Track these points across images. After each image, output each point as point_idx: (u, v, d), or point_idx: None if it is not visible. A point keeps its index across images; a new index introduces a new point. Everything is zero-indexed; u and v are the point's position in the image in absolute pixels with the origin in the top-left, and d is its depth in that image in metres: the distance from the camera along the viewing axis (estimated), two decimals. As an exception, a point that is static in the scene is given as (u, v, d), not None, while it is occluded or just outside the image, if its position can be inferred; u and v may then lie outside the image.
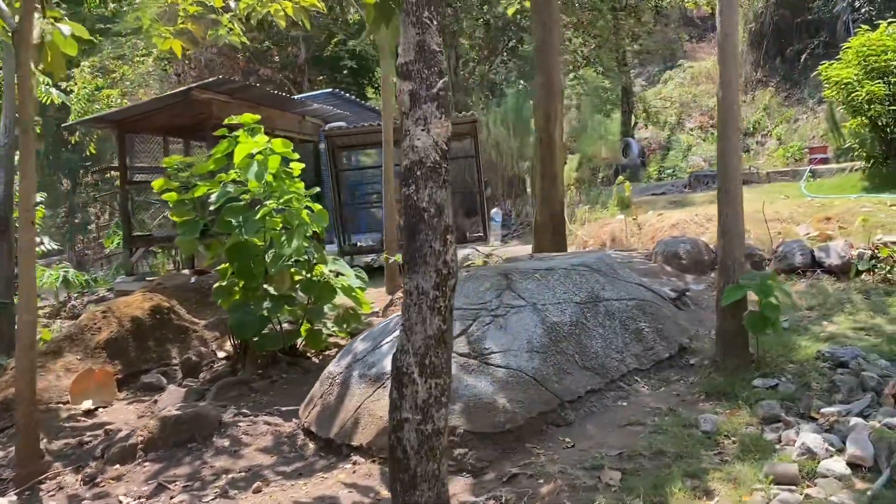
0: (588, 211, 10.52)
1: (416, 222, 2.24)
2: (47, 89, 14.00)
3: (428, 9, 2.22)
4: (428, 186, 2.20)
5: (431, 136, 2.21)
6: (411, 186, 2.25)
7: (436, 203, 2.21)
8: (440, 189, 2.22)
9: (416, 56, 2.24)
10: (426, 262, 2.26)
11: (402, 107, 2.28)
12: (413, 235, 2.27)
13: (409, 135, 2.21)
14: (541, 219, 6.69)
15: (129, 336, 6.83)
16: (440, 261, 2.27)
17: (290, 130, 11.21)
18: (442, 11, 2.27)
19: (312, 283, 5.86)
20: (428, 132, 2.21)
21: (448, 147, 2.27)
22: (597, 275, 5.23)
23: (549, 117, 6.52)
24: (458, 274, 2.46)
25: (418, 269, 2.28)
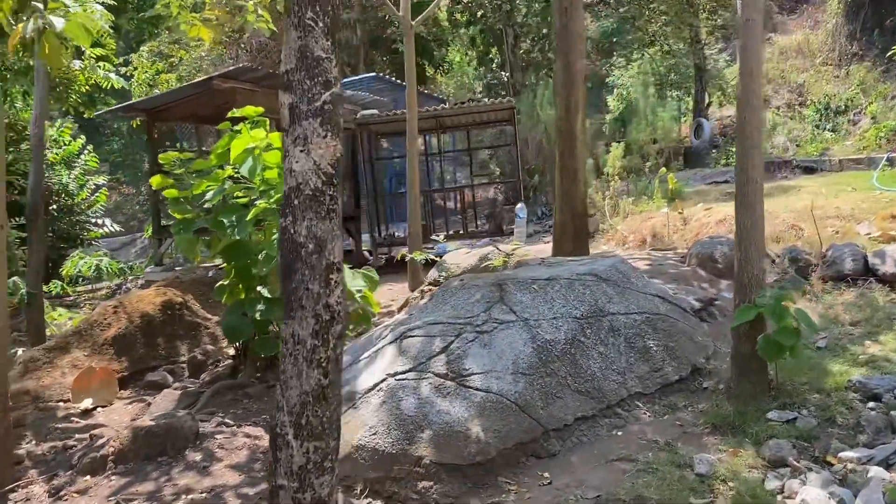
0: (633, 203, 9.96)
1: (291, 259, 1.96)
2: (107, 74, 14.37)
3: (312, 9, 1.91)
4: (306, 218, 1.91)
5: (312, 159, 1.91)
6: (288, 217, 1.96)
7: (315, 237, 1.91)
8: (322, 221, 1.92)
9: (297, 64, 1.94)
10: (302, 307, 1.97)
11: (282, 122, 2.00)
12: (288, 275, 1.99)
13: (288, 156, 1.92)
14: (560, 218, 6.27)
15: (137, 332, 6.83)
16: (320, 305, 1.98)
17: (323, 118, 11.09)
18: (331, 11, 1.95)
19: (309, 286, 5.63)
20: (308, 154, 1.91)
21: (336, 170, 1.96)
22: (604, 285, 4.82)
23: (569, 107, 6.08)
24: (346, 319, 2.16)
25: (294, 315, 1.99)
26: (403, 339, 4.32)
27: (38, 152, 8.58)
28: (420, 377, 3.99)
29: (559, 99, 6.15)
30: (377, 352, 4.33)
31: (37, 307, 8.52)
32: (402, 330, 4.40)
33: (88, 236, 14.95)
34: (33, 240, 8.48)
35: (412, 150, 8.30)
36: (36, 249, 8.50)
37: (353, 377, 4.26)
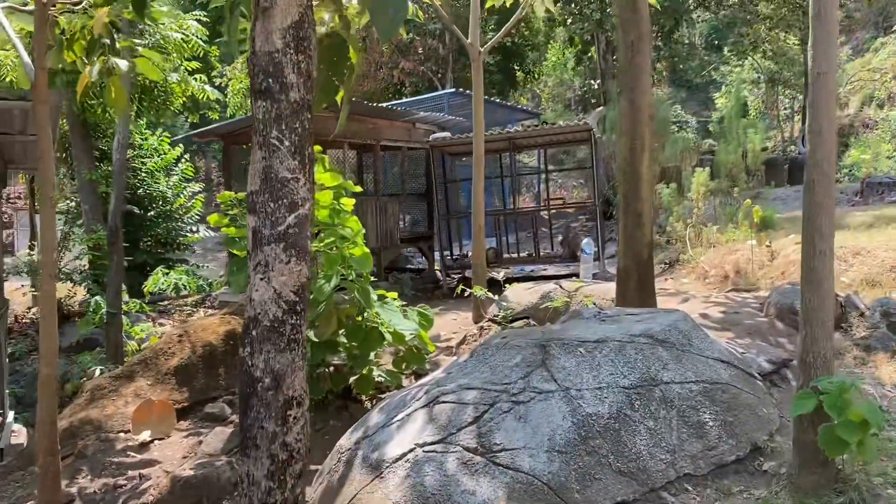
0: (718, 231, 9.41)
1: (248, 394, 1.86)
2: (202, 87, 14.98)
3: (277, 127, 1.81)
4: (264, 350, 1.80)
5: (272, 287, 1.81)
6: (245, 348, 1.86)
7: (272, 371, 1.81)
8: (281, 353, 1.81)
9: (261, 185, 1.84)
10: (257, 446, 1.86)
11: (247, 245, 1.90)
12: (245, 410, 1.89)
13: (250, 283, 1.83)
14: (624, 264, 5.95)
15: (199, 362, 7.02)
16: (276, 444, 1.87)
17: (399, 140, 11.09)
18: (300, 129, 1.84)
19: (357, 330, 5.61)
20: (268, 282, 1.81)
21: (302, 297, 1.85)
22: (659, 349, 4.50)
23: (634, 148, 5.75)
24: (306, 457, 2.03)
25: (249, 454, 1.90)
26: (435, 403, 4.18)
27: (119, 177, 8.99)
28: (447, 450, 3.84)
29: (623, 139, 5.83)
30: (409, 416, 4.21)
31: (116, 326, 8.93)
32: (435, 393, 4.27)
33: (185, 241, 15.70)
34: (113, 260, 8.89)
35: (477, 176, 8.14)
36: (116, 269, 8.92)
37: (383, 441, 4.15)
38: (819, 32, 3.63)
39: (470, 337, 7.01)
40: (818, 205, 3.65)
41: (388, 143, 10.81)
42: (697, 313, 6.36)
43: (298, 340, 1.85)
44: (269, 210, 1.85)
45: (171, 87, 17.40)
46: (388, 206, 10.66)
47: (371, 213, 10.21)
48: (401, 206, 11.21)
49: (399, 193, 11.74)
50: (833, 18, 3.66)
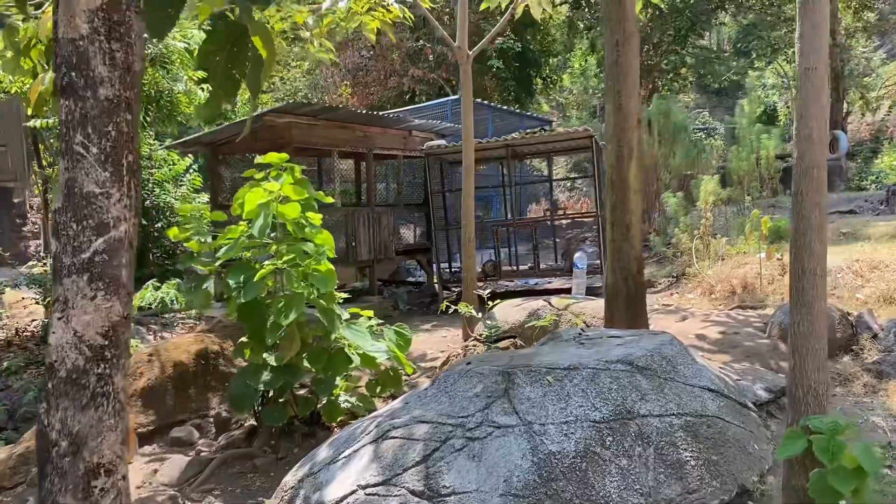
0: (727, 243, 8.93)
1: (43, 461, 1.52)
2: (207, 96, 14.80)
3: (83, 131, 1.47)
4: (61, 407, 1.47)
5: (72, 328, 1.47)
6: (42, 403, 1.52)
7: (71, 434, 1.47)
8: (83, 411, 1.47)
9: (63, 202, 1.50)
10: (49, 526, 1.52)
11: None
12: (41, 479, 1.55)
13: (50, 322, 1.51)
14: (611, 280, 5.54)
15: (169, 383, 6.71)
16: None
17: (393, 148, 10.76)
18: (114, 132, 1.50)
19: (320, 353, 5.26)
20: (67, 321, 1.47)
21: (114, 340, 1.50)
22: (639, 377, 4.10)
23: (620, 154, 5.35)
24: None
25: (42, 535, 1.55)
26: (384, 439, 3.81)
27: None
28: (390, 492, 3.47)
29: (609, 146, 5.43)
30: (356, 452, 3.85)
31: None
32: (385, 427, 3.90)
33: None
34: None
35: (467, 187, 7.77)
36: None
37: (326, 480, 3.79)
38: (805, 23, 3.23)
39: (453, 357, 6.63)
40: (806, 218, 3.23)
41: (381, 151, 10.50)
42: (693, 334, 5.92)
43: (108, 394, 1.51)
44: (72, 234, 1.51)
45: (178, 98, 17.36)
46: (381, 217, 10.33)
47: (363, 224, 9.89)
48: (396, 216, 10.87)
49: (395, 204, 11.41)
50: (822, 8, 3.25)
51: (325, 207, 11.24)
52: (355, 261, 9.79)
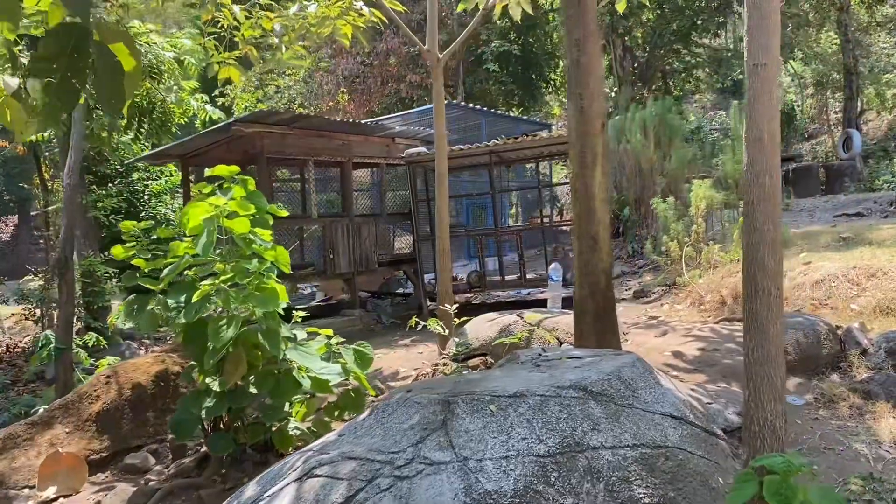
0: (721, 250, 8.57)
1: None
2: (202, 106, 14.69)
3: None
4: None
5: None
6: None
7: None
8: None
9: None
10: None
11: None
12: None
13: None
14: (579, 295, 5.21)
15: (126, 406, 6.47)
16: None
17: (375, 156, 10.49)
18: None
19: (266, 377, 4.97)
20: None
21: None
22: (592, 404, 3.77)
23: (584, 161, 5.03)
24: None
25: None
26: (308, 477, 3.51)
27: (69, 204, 8.56)
28: (307, 540, 3.17)
29: (573, 151, 5.11)
30: (280, 491, 3.55)
31: (65, 362, 8.48)
32: (311, 464, 3.60)
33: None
34: (63, 291, 8.44)
35: (440, 195, 7.47)
36: (65, 302, 8.46)
37: (247, 524, 3.50)
38: (753, 15, 2.91)
39: (422, 377, 6.33)
40: (758, 231, 2.91)
41: (362, 160, 10.24)
42: (671, 350, 5.58)
43: None
44: None
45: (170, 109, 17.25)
46: (362, 227, 10.06)
47: (342, 235, 9.62)
48: (381, 226, 10.59)
49: (377, 214, 11.13)
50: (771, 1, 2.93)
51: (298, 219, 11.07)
52: (334, 273, 9.52)
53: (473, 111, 14.76)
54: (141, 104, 17.41)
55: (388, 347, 8.50)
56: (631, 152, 12.36)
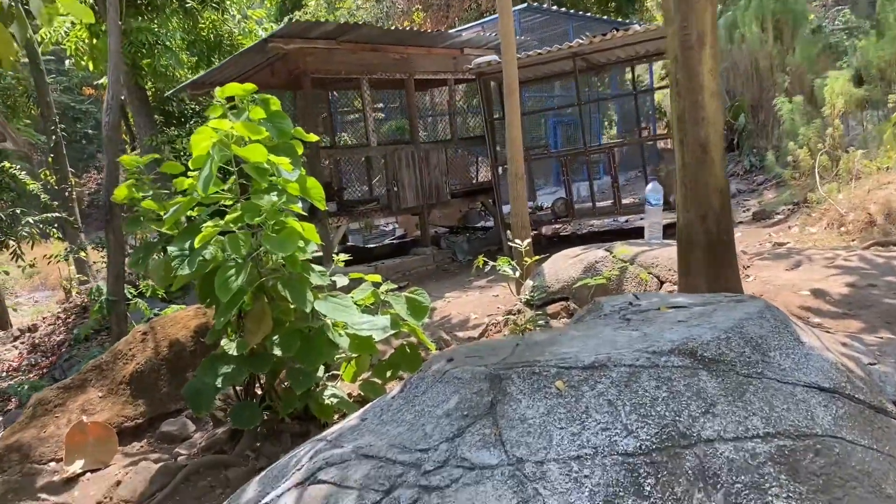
0: (864, 157, 7.08)
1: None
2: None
3: None
4: None
5: None
6: None
7: None
8: None
9: None
10: None
11: None
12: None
13: None
14: (683, 220, 4.09)
15: (163, 366, 5.90)
16: None
17: (440, 71, 9.39)
18: None
19: (291, 336, 4.17)
20: None
21: None
22: (704, 376, 2.75)
23: (687, 39, 3.82)
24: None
25: None
26: (312, 482, 2.68)
27: (111, 144, 7.99)
28: (298, 579, 2.35)
29: (671, 28, 3.90)
30: (278, 497, 2.74)
31: (119, 315, 8.09)
32: (318, 462, 2.76)
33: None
34: (110, 241, 7.99)
35: (511, 111, 6.37)
36: (114, 251, 8.02)
37: (237, 540, 2.72)
38: None
39: (492, 327, 5.41)
40: None
41: (426, 76, 9.16)
42: (808, 289, 4.39)
43: None
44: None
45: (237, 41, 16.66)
46: (430, 154, 9.06)
47: (407, 164, 8.68)
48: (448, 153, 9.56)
49: (447, 139, 10.09)
50: None
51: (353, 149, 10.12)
52: (399, 208, 8.63)
53: (558, 15, 13.25)
54: (207, 38, 16.87)
55: (460, 290, 7.61)
56: (746, 51, 10.70)
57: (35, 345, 12.84)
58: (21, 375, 11.33)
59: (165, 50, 13.89)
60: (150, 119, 15.44)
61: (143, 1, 14.36)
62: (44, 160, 21.12)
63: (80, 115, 33.19)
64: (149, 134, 14.89)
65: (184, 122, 16.00)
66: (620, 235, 9.41)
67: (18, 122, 17.44)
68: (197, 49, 16.50)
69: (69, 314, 13.97)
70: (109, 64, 8.19)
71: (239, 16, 16.93)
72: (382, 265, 8.26)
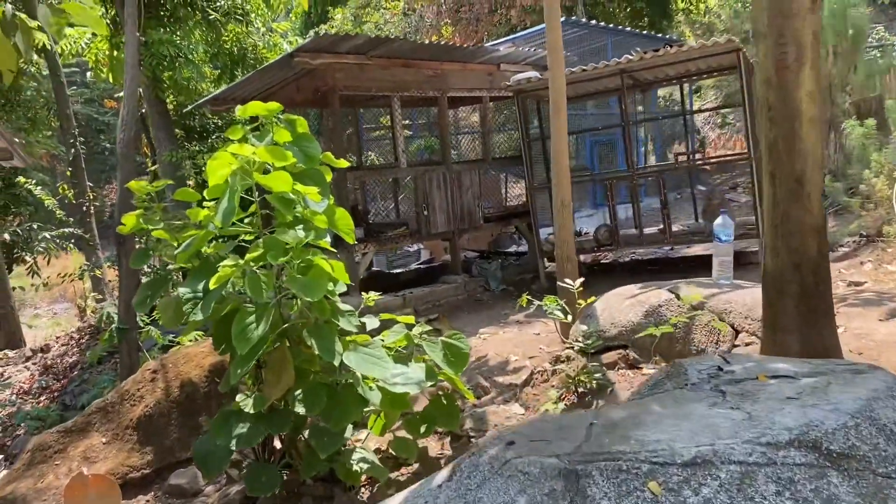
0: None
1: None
2: None
3: None
4: None
5: None
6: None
7: None
8: None
9: None
10: None
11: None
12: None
13: None
14: (773, 265, 3.56)
15: (173, 409, 5.43)
16: None
17: (476, 88, 8.92)
18: None
19: (317, 392, 3.68)
20: None
21: None
22: (834, 479, 2.22)
23: (783, 57, 3.31)
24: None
25: None
26: None
27: (125, 161, 7.60)
28: None
29: (763, 46, 3.39)
30: None
31: (130, 344, 7.66)
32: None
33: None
34: (122, 265, 7.58)
35: (557, 129, 5.88)
36: (126, 277, 7.60)
37: None
38: None
39: (537, 375, 4.88)
40: None
41: (460, 94, 8.70)
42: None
43: None
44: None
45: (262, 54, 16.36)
46: (462, 176, 8.58)
47: (438, 186, 8.19)
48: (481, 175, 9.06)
49: (480, 159, 9.60)
50: None
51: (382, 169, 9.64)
52: (429, 233, 8.15)
53: (597, 29, 12.76)
54: (231, 51, 16.57)
55: (496, 325, 7.09)
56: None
57: (47, 366, 12.50)
58: (31, 399, 11.00)
59: (187, 62, 13.61)
60: (171, 133, 15.15)
61: (165, 12, 14.11)
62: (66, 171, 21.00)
63: (103, 126, 33.24)
64: (169, 149, 14.58)
65: (206, 136, 15.71)
66: (668, 266, 8.85)
67: (38, 133, 17.25)
68: (220, 62, 16.25)
69: (83, 334, 13.66)
70: (126, 78, 7.81)
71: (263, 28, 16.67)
72: (411, 294, 7.76)
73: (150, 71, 13.04)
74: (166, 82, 13.83)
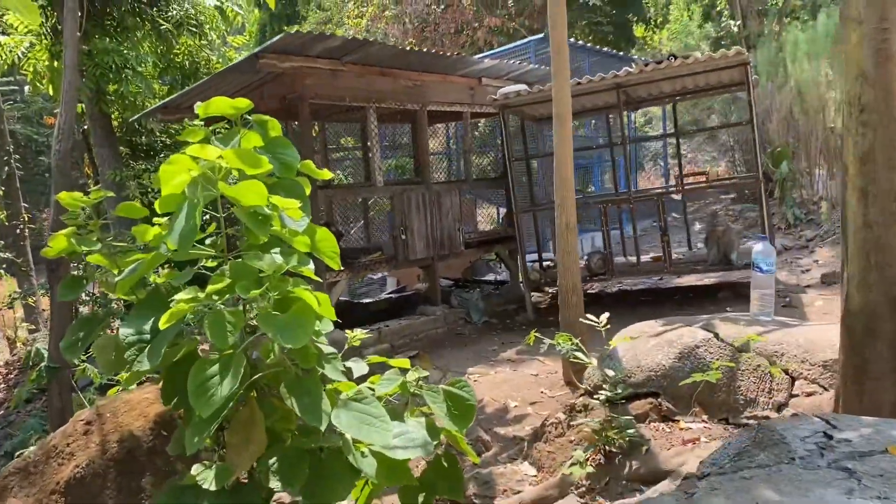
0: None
1: None
2: None
3: None
4: None
5: None
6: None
7: None
8: None
9: None
10: None
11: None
12: None
13: None
14: (861, 300, 2.96)
15: (110, 469, 4.55)
16: None
17: (456, 102, 8.31)
18: None
19: (298, 460, 2.92)
20: None
21: None
22: None
23: (885, 48, 2.76)
24: None
25: None
26: None
27: (61, 175, 6.74)
28: None
29: (856, 32, 2.83)
30: None
31: (61, 384, 6.75)
32: None
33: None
34: (54, 293, 6.70)
35: (562, 145, 5.28)
36: (58, 311, 6.71)
37: None
38: None
39: (549, 427, 4.19)
40: None
41: (440, 108, 8.07)
42: None
43: None
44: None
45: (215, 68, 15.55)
46: (442, 197, 7.92)
47: (417, 208, 7.52)
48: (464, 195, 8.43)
49: (460, 179, 8.98)
50: None
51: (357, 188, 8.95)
52: (407, 259, 7.44)
53: (576, 48, 12.33)
54: (182, 64, 15.72)
55: (484, 363, 6.39)
56: (790, 88, 9.80)
57: (-28, 405, 11.40)
58: (-47, 444, 9.93)
59: (135, 75, 12.77)
60: (115, 151, 14.23)
61: (112, 21, 13.28)
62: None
63: (43, 147, 31.88)
64: (113, 167, 13.66)
65: (153, 155, 14.88)
66: (662, 296, 8.30)
67: (-35, 151, 16.13)
68: (170, 76, 15.47)
69: (11, 369, 12.58)
70: (64, 81, 6.99)
71: (218, 41, 15.92)
72: (387, 328, 7.03)
73: (93, 82, 12.16)
74: (111, 96, 12.96)
